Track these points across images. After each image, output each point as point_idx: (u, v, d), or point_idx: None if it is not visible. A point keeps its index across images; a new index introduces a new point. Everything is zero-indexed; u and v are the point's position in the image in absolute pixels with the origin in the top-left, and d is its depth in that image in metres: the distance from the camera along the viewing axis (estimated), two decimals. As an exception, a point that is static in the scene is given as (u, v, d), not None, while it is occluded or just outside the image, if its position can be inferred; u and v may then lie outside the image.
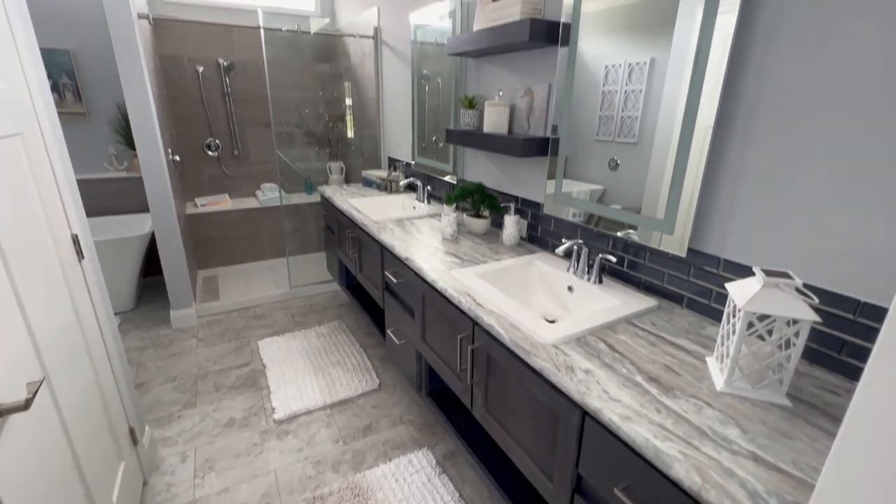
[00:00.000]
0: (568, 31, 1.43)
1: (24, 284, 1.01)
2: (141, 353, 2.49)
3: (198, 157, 3.55)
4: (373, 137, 3.24)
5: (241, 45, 3.44)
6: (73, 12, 2.88)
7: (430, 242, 1.80)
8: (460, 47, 1.79)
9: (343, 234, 2.49)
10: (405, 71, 2.62)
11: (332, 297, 3.25)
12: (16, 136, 1.09)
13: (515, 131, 1.77)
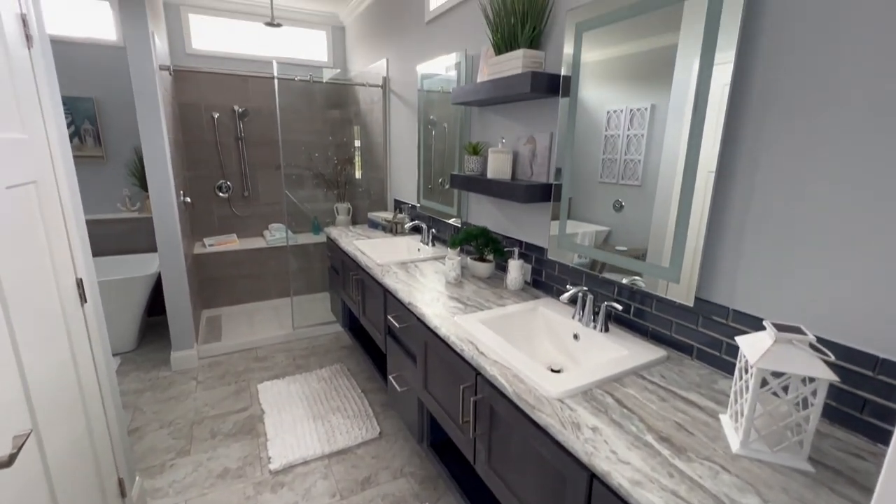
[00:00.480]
0: (568, 83, 1.48)
1: (22, 329, 1.00)
2: (138, 396, 2.44)
3: (209, 198, 3.63)
4: (380, 180, 3.30)
5: (255, 93, 3.60)
6: (99, 63, 3.05)
7: (434, 286, 1.78)
8: (465, 97, 1.85)
9: (347, 276, 2.49)
10: (412, 117, 2.71)
11: (334, 338, 3.21)
12: (30, 184, 1.11)
13: (519, 177, 1.79)
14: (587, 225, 1.47)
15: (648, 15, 1.19)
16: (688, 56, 1.10)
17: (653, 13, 1.18)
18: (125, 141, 3.23)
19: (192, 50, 3.39)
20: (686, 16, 1.09)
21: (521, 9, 1.56)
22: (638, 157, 1.27)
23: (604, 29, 1.33)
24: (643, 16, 1.21)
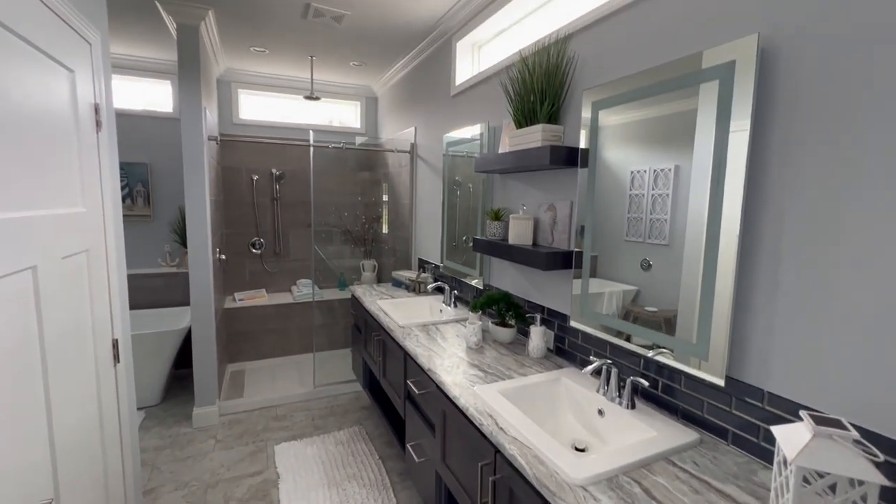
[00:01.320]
0: (587, 155, 1.53)
1: (56, 390, 1.04)
2: (158, 453, 2.43)
3: (243, 254, 3.80)
4: (405, 239, 3.39)
5: (292, 157, 3.85)
6: (155, 132, 3.37)
7: (455, 351, 1.76)
8: (487, 166, 1.93)
9: (370, 336, 2.50)
10: (437, 181, 2.82)
11: (354, 398, 3.16)
12: (83, 252, 1.21)
13: (540, 243, 1.81)
14: (614, 284, 1.45)
15: (661, 96, 1.24)
16: (707, 122, 1.12)
17: (666, 94, 1.23)
18: (171, 201, 3.48)
19: (238, 120, 3.71)
20: (702, 92, 1.13)
21: (540, 87, 1.66)
22: (664, 216, 1.27)
23: (620, 107, 1.39)
24: (656, 97, 1.26)
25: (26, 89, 0.96)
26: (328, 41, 2.91)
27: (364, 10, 2.42)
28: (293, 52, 3.14)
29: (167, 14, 2.45)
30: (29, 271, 0.95)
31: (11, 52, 0.91)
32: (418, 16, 2.49)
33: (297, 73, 3.65)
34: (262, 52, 3.15)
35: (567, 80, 1.65)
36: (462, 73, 2.54)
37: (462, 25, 2.43)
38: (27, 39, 0.96)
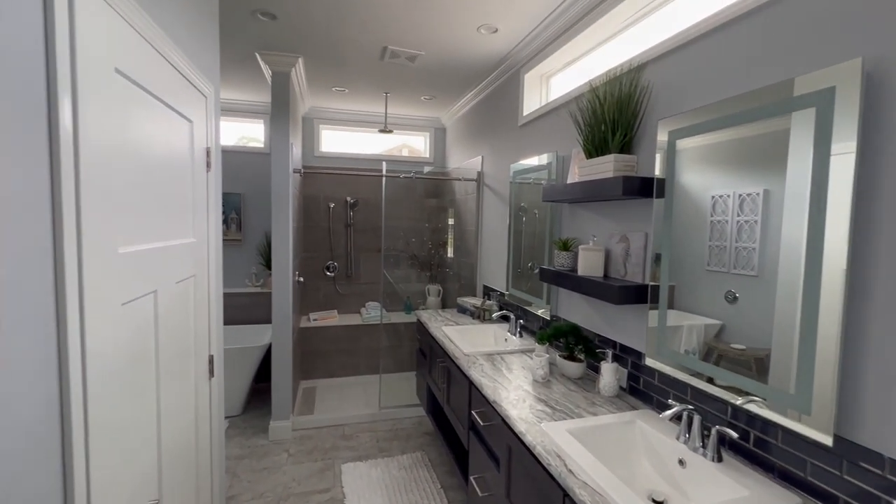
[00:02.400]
0: (662, 185, 1.47)
1: (165, 402, 1.18)
2: (238, 462, 2.62)
3: (318, 276, 4.06)
4: (470, 265, 3.42)
5: (365, 186, 4.09)
6: (248, 165, 3.76)
7: (520, 384, 1.73)
8: (555, 196, 1.92)
9: (434, 362, 2.53)
10: (503, 209, 2.85)
11: (417, 423, 3.19)
12: (191, 277, 1.38)
13: (611, 275, 1.75)
14: (694, 316, 1.35)
15: (749, 126, 1.18)
16: (802, 145, 1.03)
17: (754, 124, 1.16)
18: (259, 227, 3.83)
19: (319, 153, 4.03)
20: (795, 118, 1.05)
21: (611, 117, 1.64)
22: (752, 244, 1.17)
23: (699, 137, 1.33)
24: (743, 126, 1.19)
25: (158, 139, 1.14)
26: (402, 78, 3.10)
27: (436, 49, 2.56)
28: (370, 89, 3.38)
29: (265, 63, 2.76)
30: (152, 295, 1.10)
31: (150, 111, 1.09)
32: (487, 51, 2.58)
33: (373, 109, 3.90)
34: (343, 91, 3.42)
35: (640, 109, 1.62)
36: (530, 103, 2.57)
37: (530, 58, 2.48)
38: (161, 99, 1.14)
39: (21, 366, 0.66)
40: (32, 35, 0.68)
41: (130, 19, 0.96)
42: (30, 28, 0.68)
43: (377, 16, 2.19)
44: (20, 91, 0.66)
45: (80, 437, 0.78)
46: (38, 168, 0.70)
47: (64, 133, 0.74)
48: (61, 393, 0.75)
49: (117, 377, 0.92)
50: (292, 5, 2.10)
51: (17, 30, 0.65)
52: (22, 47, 0.66)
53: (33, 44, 0.69)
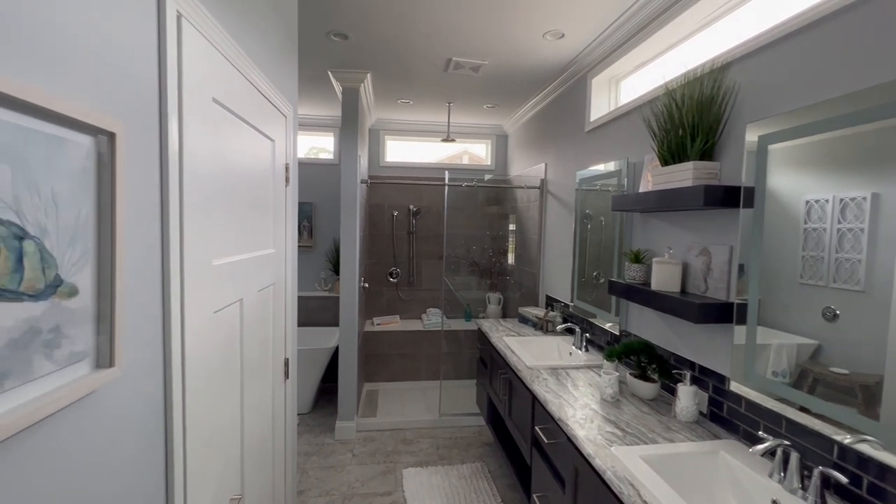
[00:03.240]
0: (751, 195, 1.34)
1: (248, 402, 1.27)
2: (306, 458, 2.75)
3: (381, 282, 4.19)
4: (532, 275, 3.36)
5: (427, 195, 4.17)
6: (319, 176, 3.98)
7: (587, 402, 1.66)
8: (626, 205, 1.83)
9: (495, 372, 2.50)
10: (567, 217, 2.76)
11: (477, 432, 3.17)
12: (271, 285, 1.48)
13: (690, 290, 1.63)
14: (784, 335, 1.22)
15: (864, 126, 1.04)
16: None
17: (871, 124, 1.03)
18: (328, 234, 4.03)
19: (384, 163, 4.17)
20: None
21: (690, 122, 1.53)
22: (856, 256, 1.04)
23: (798, 142, 1.20)
24: (857, 127, 1.06)
25: (246, 159, 1.24)
26: (465, 88, 3.13)
27: (500, 58, 2.55)
28: (433, 100, 3.44)
29: (336, 80, 2.91)
30: (238, 303, 1.19)
31: (240, 134, 1.19)
32: (552, 57, 2.53)
33: (436, 118, 3.97)
34: (407, 102, 3.52)
35: (724, 112, 1.49)
36: (597, 108, 2.48)
37: (598, 62, 2.39)
38: (248, 122, 1.24)
39: (135, 366, 0.74)
40: (149, 68, 0.77)
41: (226, 52, 1.06)
42: (147, 62, 0.76)
43: (443, 30, 2.23)
44: (141, 121, 0.74)
45: (180, 434, 0.86)
46: (152, 187, 0.78)
47: (172, 156, 0.83)
48: (165, 392, 0.83)
49: (209, 379, 1.01)
50: (363, 25, 2.20)
51: (138, 64, 0.73)
52: (142, 80, 0.75)
53: (149, 75, 0.77)
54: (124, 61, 0.69)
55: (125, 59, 0.70)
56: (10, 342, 0.47)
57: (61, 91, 0.55)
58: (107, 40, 0.65)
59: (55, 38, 0.54)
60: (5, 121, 0.46)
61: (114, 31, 0.66)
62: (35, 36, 0.51)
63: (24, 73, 0.50)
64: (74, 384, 0.56)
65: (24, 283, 0.49)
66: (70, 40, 0.57)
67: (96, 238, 0.61)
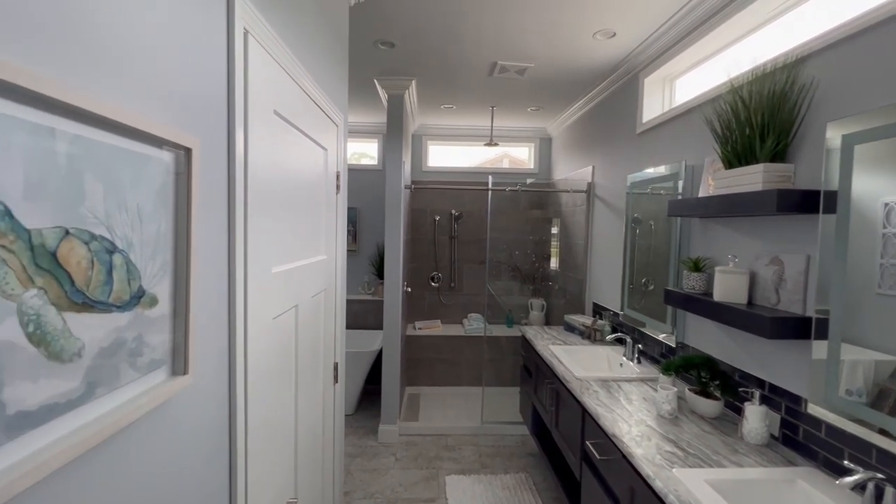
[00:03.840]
0: (833, 199, 1.23)
1: (301, 405, 1.29)
2: (351, 460, 2.80)
3: (423, 286, 4.21)
4: (578, 281, 3.26)
5: (469, 199, 4.15)
6: (363, 181, 4.05)
7: (642, 417, 1.58)
8: (684, 211, 1.73)
9: (540, 381, 2.44)
10: (617, 222, 2.66)
11: (520, 442, 3.10)
12: (323, 291, 1.51)
13: (758, 302, 1.51)
14: (859, 350, 1.11)
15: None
16: None
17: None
18: (371, 238, 4.10)
19: (426, 168, 4.20)
20: None
21: (759, 121, 1.43)
22: None
23: (883, 141, 1.09)
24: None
25: (302, 168, 1.27)
26: (509, 92, 3.09)
27: (546, 60, 2.50)
28: (476, 104, 3.43)
29: (381, 88, 2.96)
30: (294, 309, 1.22)
31: (297, 145, 1.22)
32: (602, 57, 2.45)
33: (479, 123, 3.96)
34: (450, 107, 3.53)
35: (800, 110, 1.38)
36: (650, 109, 2.38)
37: (651, 61, 2.29)
38: (305, 132, 1.27)
39: (205, 373, 0.77)
40: (218, 84, 0.80)
41: (285, 65, 1.09)
42: (217, 78, 0.79)
43: (489, 35, 2.21)
44: (212, 136, 0.77)
45: (242, 439, 0.89)
46: (220, 199, 0.81)
47: (238, 169, 0.85)
48: (230, 398, 0.86)
49: (267, 384, 1.04)
50: (410, 33, 2.22)
51: (210, 80, 0.76)
52: (213, 96, 0.78)
53: (219, 90, 0.80)
54: (198, 79, 0.72)
55: (199, 77, 0.73)
56: (101, 351, 0.50)
57: (145, 110, 0.58)
58: (183, 60, 0.67)
59: (143, 61, 0.57)
60: (99, 141, 0.48)
61: (189, 49, 0.69)
62: (125, 58, 0.54)
63: (113, 93, 0.52)
64: (153, 391, 0.58)
65: (113, 294, 0.51)
66: (152, 61, 0.60)
67: (173, 250, 0.63)
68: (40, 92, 0.39)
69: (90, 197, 0.47)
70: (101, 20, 0.50)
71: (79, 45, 0.47)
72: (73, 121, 0.45)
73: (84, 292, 0.47)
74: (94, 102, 0.46)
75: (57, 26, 0.44)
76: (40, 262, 0.41)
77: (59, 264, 0.43)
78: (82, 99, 0.44)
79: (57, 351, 0.44)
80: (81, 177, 0.46)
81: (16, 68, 0.37)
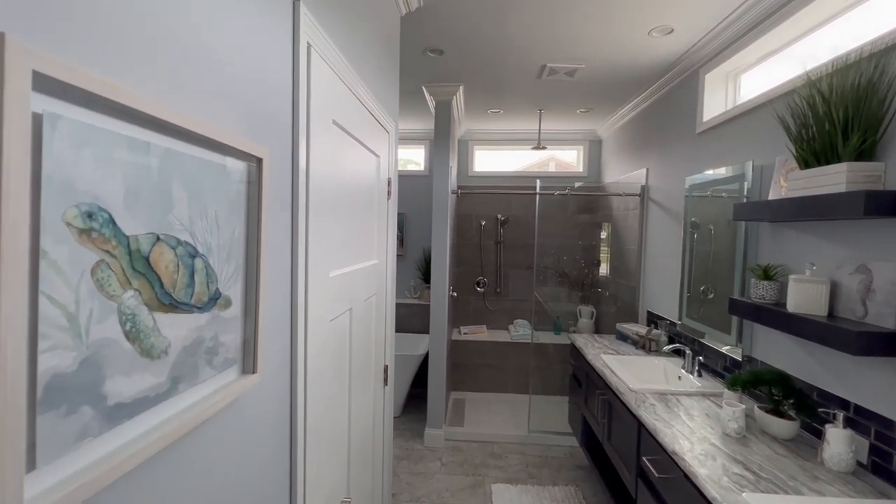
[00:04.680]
0: (933, 202, 1.10)
1: (354, 406, 1.32)
2: (397, 462, 2.83)
3: (468, 291, 4.20)
4: (630, 288, 3.13)
5: (516, 204, 4.11)
6: (411, 187, 4.12)
7: (705, 435, 1.48)
8: (753, 214, 1.62)
9: (591, 392, 2.36)
10: (674, 226, 2.53)
11: (569, 453, 3.01)
12: (374, 295, 1.54)
13: (840, 314, 1.38)
14: None
15: None
16: None
17: None
18: (418, 243, 4.16)
19: (473, 173, 4.20)
20: None
21: (842, 116, 1.31)
22: None
23: None
24: None
25: (356, 175, 1.31)
26: (557, 94, 3.03)
27: (598, 59, 2.44)
28: (524, 108, 3.39)
29: (429, 95, 3.00)
30: (348, 312, 1.25)
31: (352, 152, 1.26)
32: (657, 54, 2.35)
33: (526, 126, 3.91)
34: (497, 112, 3.51)
35: (891, 103, 1.25)
36: (711, 107, 2.25)
37: (713, 56, 2.17)
38: (360, 140, 1.31)
39: (270, 373, 0.80)
40: (284, 96, 0.84)
41: (343, 76, 1.13)
42: (283, 89, 0.83)
43: (538, 37, 2.18)
44: (278, 145, 0.81)
45: (302, 437, 0.92)
46: (284, 205, 0.85)
47: (301, 176, 0.89)
48: (291, 398, 0.89)
49: (324, 385, 1.07)
50: (459, 39, 2.24)
51: (277, 92, 0.80)
52: (280, 107, 0.82)
53: (284, 102, 0.84)
54: (267, 92, 0.76)
55: (267, 90, 0.77)
56: (184, 349, 0.53)
57: (221, 122, 0.62)
58: (253, 74, 0.72)
59: (218, 76, 0.61)
60: (184, 153, 0.52)
61: (258, 64, 0.73)
62: (203, 74, 0.58)
63: (194, 107, 0.56)
64: (226, 389, 0.62)
65: (195, 296, 0.55)
66: (226, 77, 0.64)
67: (244, 254, 0.67)
68: (137, 109, 0.43)
69: (177, 205, 0.51)
70: (186, 41, 0.54)
71: (167, 66, 0.51)
72: (164, 135, 0.49)
73: (171, 294, 0.50)
74: (180, 117, 0.49)
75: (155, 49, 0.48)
76: (136, 266, 0.45)
77: (151, 268, 0.47)
78: (173, 115, 0.48)
79: (148, 348, 0.47)
80: (170, 186, 0.49)
81: (115, 87, 0.41)
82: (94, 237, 0.39)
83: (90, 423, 0.40)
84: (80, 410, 0.39)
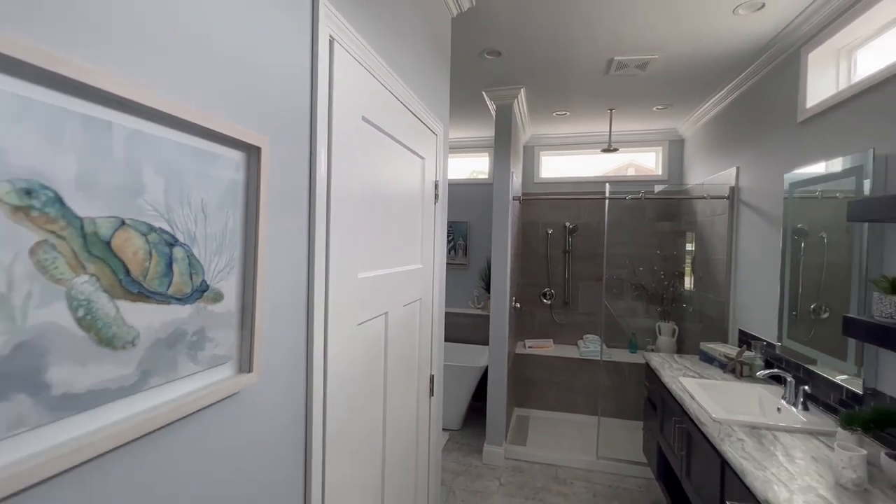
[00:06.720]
0: None
1: (390, 415, 1.27)
2: (454, 477, 2.73)
3: (534, 303, 4.01)
4: (718, 304, 2.75)
5: (585, 210, 3.86)
6: (474, 196, 4.06)
7: (811, 484, 1.20)
8: (874, 215, 1.31)
9: (667, 419, 2.08)
10: (772, 232, 2.17)
11: (643, 486, 2.69)
12: (417, 301, 1.48)
13: None
14: None
15: None
16: None
17: None
18: (482, 252, 4.07)
19: (539, 179, 4.04)
20: None
21: None
22: None
23: None
24: None
25: (394, 175, 1.27)
26: (629, 91, 2.80)
27: (673, 48, 2.20)
28: (592, 109, 3.19)
29: (489, 99, 2.94)
30: (383, 316, 1.21)
31: (389, 152, 1.23)
32: (746, 36, 2.06)
33: (595, 128, 3.68)
34: (563, 114, 3.34)
35: None
36: (818, 90, 1.91)
37: (817, 31, 1.84)
38: (398, 139, 1.28)
39: (275, 373, 0.77)
40: (301, 89, 0.82)
41: (377, 73, 1.10)
42: (298, 83, 0.81)
43: (603, 29, 2.02)
44: (290, 137, 0.79)
45: (319, 443, 0.88)
46: (300, 201, 0.82)
47: (320, 172, 0.87)
48: (306, 401, 0.86)
49: (351, 390, 1.03)
50: (516, 39, 2.15)
51: (289, 85, 0.78)
52: (294, 99, 0.80)
53: (301, 95, 0.82)
54: (276, 83, 0.75)
55: (277, 81, 0.75)
56: (157, 342, 0.51)
57: (211, 107, 0.60)
58: (261, 64, 0.70)
59: (215, 61, 0.60)
60: (159, 136, 0.50)
61: (269, 56, 0.72)
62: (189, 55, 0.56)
63: (179, 91, 0.55)
64: (214, 386, 0.59)
65: (173, 286, 0.52)
66: (228, 63, 0.62)
67: (243, 248, 0.64)
68: (91, 84, 0.41)
69: (150, 190, 0.49)
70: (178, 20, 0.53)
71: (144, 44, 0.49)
72: (132, 115, 0.47)
73: (140, 282, 0.48)
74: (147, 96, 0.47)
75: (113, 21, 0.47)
76: (93, 250, 0.43)
77: (113, 253, 0.45)
78: (137, 93, 0.46)
79: (109, 337, 0.45)
80: (140, 169, 0.48)
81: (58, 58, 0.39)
82: (34, 216, 0.38)
83: (26, 412, 0.38)
84: (14, 398, 0.37)
